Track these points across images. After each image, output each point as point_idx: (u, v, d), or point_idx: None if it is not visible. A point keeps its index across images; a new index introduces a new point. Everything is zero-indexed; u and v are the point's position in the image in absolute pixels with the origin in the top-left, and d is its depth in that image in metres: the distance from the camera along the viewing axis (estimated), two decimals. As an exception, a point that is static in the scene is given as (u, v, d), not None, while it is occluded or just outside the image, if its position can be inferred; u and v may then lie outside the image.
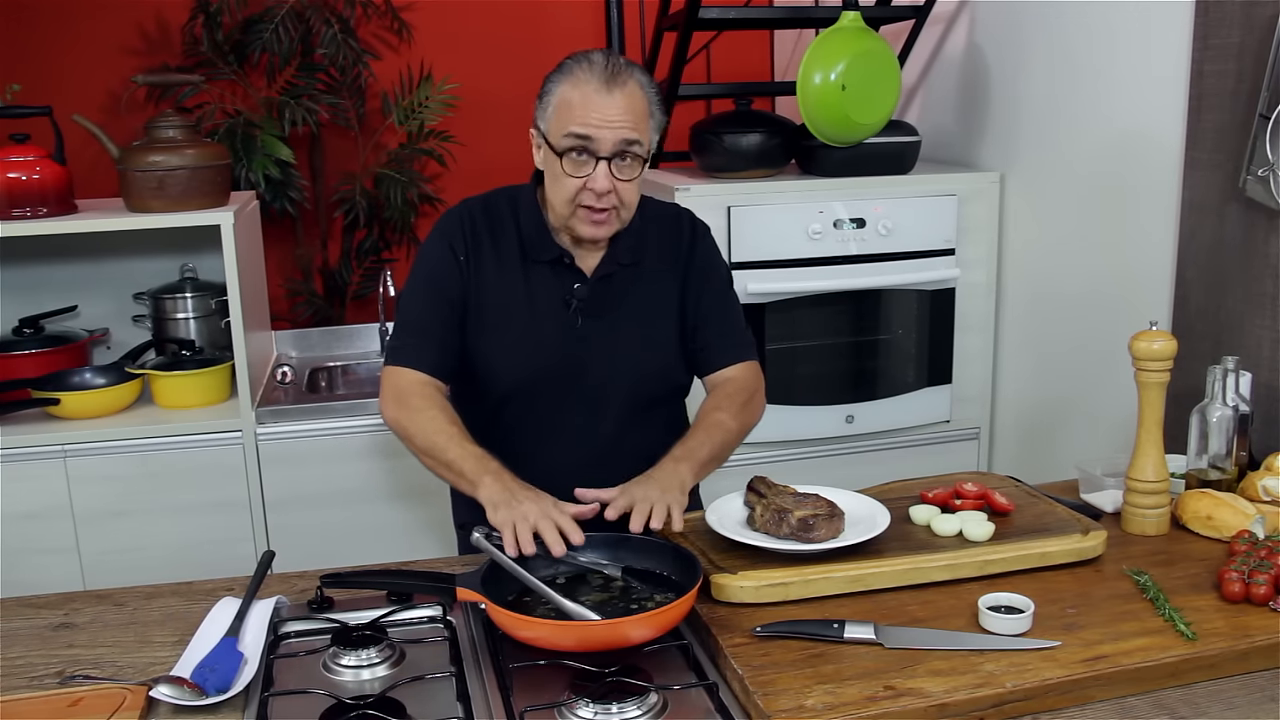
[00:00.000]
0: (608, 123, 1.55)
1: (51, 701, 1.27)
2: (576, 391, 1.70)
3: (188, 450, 2.56)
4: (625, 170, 1.58)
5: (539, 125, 1.63)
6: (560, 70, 1.61)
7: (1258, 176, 1.94)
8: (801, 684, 1.24)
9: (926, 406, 2.89)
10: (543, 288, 1.69)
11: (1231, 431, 1.77)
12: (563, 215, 1.63)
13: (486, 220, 1.71)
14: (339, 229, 3.79)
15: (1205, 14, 2.09)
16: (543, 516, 1.44)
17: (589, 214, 1.60)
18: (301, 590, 1.56)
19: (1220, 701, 1.26)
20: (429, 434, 1.60)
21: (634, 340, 1.72)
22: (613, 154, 1.57)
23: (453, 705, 1.26)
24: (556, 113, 1.58)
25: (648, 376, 1.75)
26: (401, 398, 1.64)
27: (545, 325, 1.69)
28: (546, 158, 1.63)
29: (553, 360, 1.69)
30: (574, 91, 1.57)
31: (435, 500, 2.72)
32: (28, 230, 2.47)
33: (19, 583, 2.40)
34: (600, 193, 1.58)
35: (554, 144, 1.59)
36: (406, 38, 3.84)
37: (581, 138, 1.55)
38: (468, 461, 1.55)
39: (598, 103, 1.55)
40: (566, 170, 1.58)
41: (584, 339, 1.69)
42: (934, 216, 2.78)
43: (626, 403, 1.73)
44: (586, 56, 1.60)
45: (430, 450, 1.60)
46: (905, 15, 2.99)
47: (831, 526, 1.51)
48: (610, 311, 1.71)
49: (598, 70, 1.57)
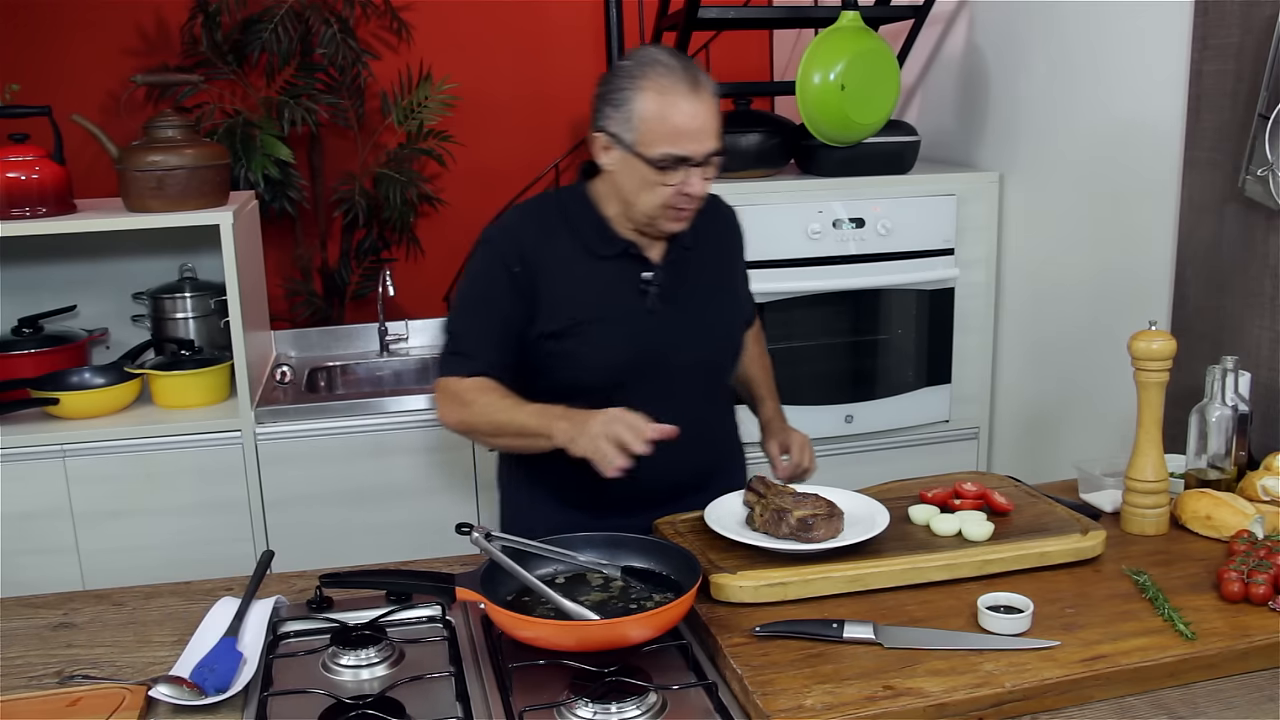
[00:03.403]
0: (701, 135, 1.60)
1: (50, 701, 1.28)
2: (658, 376, 1.75)
3: (187, 450, 2.56)
4: (709, 172, 1.65)
5: (611, 130, 1.64)
6: (634, 76, 1.61)
7: (1257, 176, 1.94)
8: (801, 684, 1.24)
9: (925, 406, 2.89)
10: (613, 281, 1.73)
11: (1230, 431, 1.77)
12: (649, 215, 1.67)
13: (536, 229, 1.73)
14: (338, 229, 3.79)
15: (1204, 14, 2.09)
16: (612, 423, 1.49)
17: (677, 212, 1.67)
18: (301, 590, 1.56)
19: (1219, 701, 1.27)
20: (490, 415, 1.65)
21: (707, 320, 1.79)
22: (704, 161, 1.63)
23: (452, 705, 1.26)
24: (644, 125, 1.59)
25: (722, 354, 1.85)
26: (457, 399, 1.68)
27: (625, 316, 1.73)
28: (629, 163, 1.64)
29: (637, 348, 1.73)
30: (661, 104, 1.58)
31: (435, 500, 2.72)
32: (27, 230, 2.46)
33: (18, 582, 2.41)
34: (696, 198, 1.65)
35: (649, 157, 1.60)
36: (406, 37, 3.84)
37: (682, 159, 1.60)
38: (533, 419, 1.60)
39: (689, 114, 1.59)
40: (663, 180, 1.62)
41: (663, 325, 1.74)
42: (933, 216, 2.78)
43: (702, 381, 1.81)
44: (657, 59, 1.61)
45: (498, 429, 1.65)
46: (904, 15, 2.99)
47: (831, 526, 1.51)
48: (682, 295, 1.76)
49: (678, 78, 1.59)
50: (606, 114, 1.64)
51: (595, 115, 1.67)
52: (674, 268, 1.76)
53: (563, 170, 4.31)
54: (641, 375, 1.72)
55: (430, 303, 4.20)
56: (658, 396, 1.69)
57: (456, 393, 1.69)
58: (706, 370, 1.82)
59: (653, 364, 1.73)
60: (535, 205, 1.80)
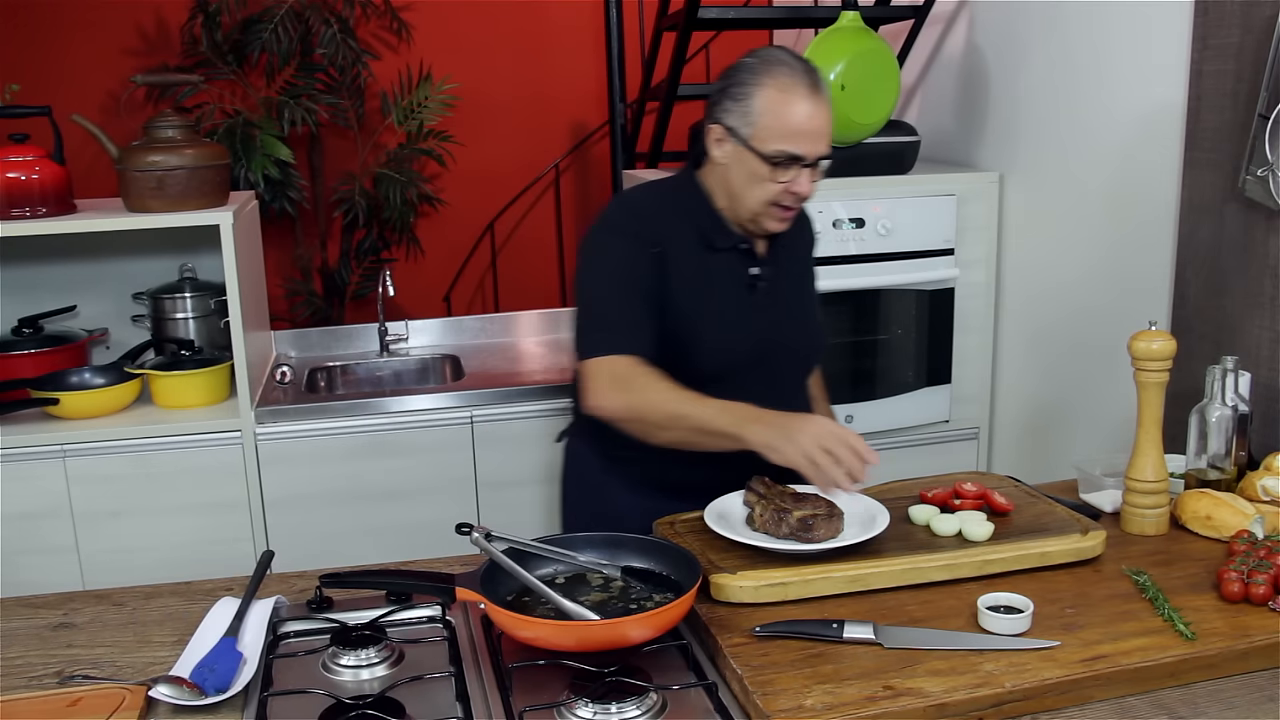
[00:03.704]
0: (816, 137, 1.64)
1: (50, 701, 1.27)
2: (761, 367, 1.77)
3: (187, 450, 2.56)
4: (817, 175, 1.69)
5: (728, 123, 1.66)
6: (758, 72, 1.64)
7: (1257, 176, 1.94)
8: (801, 684, 1.24)
9: (926, 406, 2.89)
10: (724, 273, 1.76)
11: (1230, 431, 1.77)
12: (754, 211, 1.70)
13: (663, 216, 1.75)
14: (338, 229, 3.80)
15: (1204, 14, 2.09)
16: (827, 437, 1.46)
17: (781, 211, 1.70)
18: (301, 590, 1.56)
19: (1219, 701, 1.26)
20: (665, 405, 1.58)
21: (804, 315, 1.87)
22: (814, 163, 1.66)
23: (452, 705, 1.26)
24: (762, 120, 1.63)
25: (815, 348, 1.92)
26: (621, 381, 1.61)
27: (738, 309, 1.75)
28: (742, 157, 1.67)
29: (748, 343, 1.76)
30: (781, 102, 1.62)
31: (435, 500, 2.72)
32: (27, 230, 2.46)
33: (18, 583, 2.41)
34: (801, 198, 1.68)
35: (761, 151, 1.64)
36: (406, 38, 3.84)
37: (795, 157, 1.63)
38: (720, 417, 1.54)
39: (807, 115, 1.62)
40: (775, 177, 1.65)
41: (769, 319, 1.78)
42: (933, 216, 2.78)
43: (798, 374, 1.89)
44: (781, 59, 1.65)
45: (672, 420, 1.58)
46: (904, 15, 2.99)
47: (831, 526, 1.51)
48: (783, 292, 1.81)
49: (800, 79, 1.63)
50: (726, 107, 1.67)
51: (712, 107, 1.70)
52: (775, 265, 1.80)
53: (563, 170, 4.31)
54: (749, 367, 1.75)
55: (430, 303, 4.20)
56: (759, 387, 1.71)
57: (618, 375, 1.61)
58: (800, 362, 1.89)
59: (759, 356, 1.76)
60: (653, 193, 1.80)
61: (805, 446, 1.46)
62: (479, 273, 4.35)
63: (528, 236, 4.36)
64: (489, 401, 2.75)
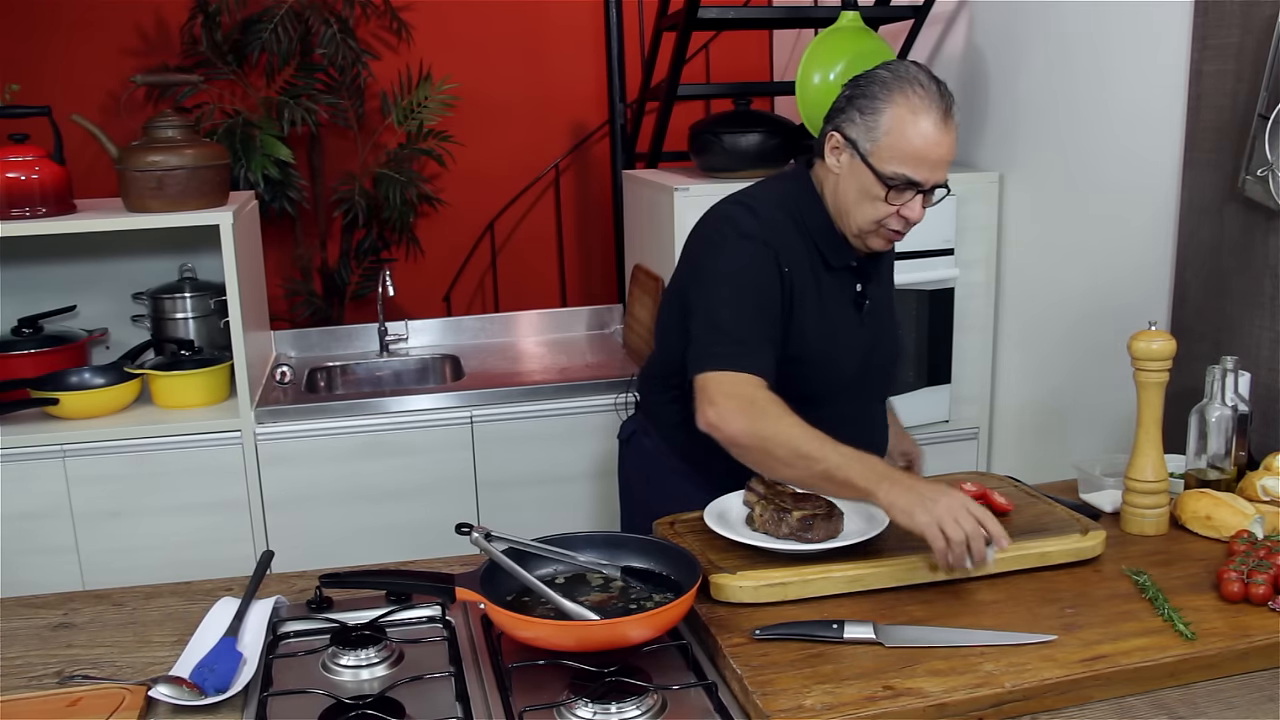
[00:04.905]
0: (937, 165, 1.59)
1: (50, 701, 1.27)
2: (858, 388, 1.77)
3: (187, 450, 2.56)
4: (929, 202, 1.65)
5: (849, 134, 1.61)
6: (890, 88, 1.58)
7: (1256, 176, 1.94)
8: (800, 684, 1.24)
9: (926, 406, 2.89)
10: (836, 293, 1.73)
11: (1230, 431, 1.77)
12: (861, 228, 1.66)
13: (786, 232, 1.68)
14: (338, 229, 3.80)
15: (1204, 14, 2.09)
16: (961, 511, 1.40)
17: (888, 233, 1.66)
18: (300, 590, 1.56)
19: (1219, 701, 1.26)
20: (795, 441, 1.51)
21: (893, 337, 1.86)
22: (929, 190, 1.62)
23: (452, 705, 1.26)
24: (886, 139, 1.58)
25: (899, 360, 1.92)
26: (749, 406, 1.54)
27: (847, 331, 1.73)
28: (857, 172, 1.62)
29: (855, 364, 1.74)
30: (909, 123, 1.56)
31: (435, 500, 2.72)
32: (27, 230, 2.47)
33: (18, 582, 2.41)
34: (911, 223, 1.64)
35: (881, 171, 1.59)
36: (405, 38, 3.84)
37: (913, 182, 1.59)
38: (853, 468, 1.48)
39: (933, 141, 1.57)
40: (888, 199, 1.61)
41: (871, 339, 1.77)
42: (933, 216, 2.74)
43: (885, 393, 1.91)
44: (917, 79, 1.58)
45: (798, 460, 1.51)
46: (904, 15, 2.99)
47: (830, 526, 1.51)
48: (877, 312, 1.79)
49: (933, 104, 1.57)
50: (851, 117, 1.61)
51: (835, 114, 1.64)
52: (875, 281, 1.79)
53: (563, 170, 4.32)
54: (848, 387, 1.74)
55: (430, 303, 4.20)
56: (852, 407, 1.72)
57: (745, 397, 1.54)
58: (890, 381, 1.90)
59: (860, 377, 1.75)
60: (775, 202, 1.71)
61: (940, 517, 1.40)
62: (479, 273, 4.35)
63: (528, 236, 4.36)
64: (489, 401, 2.76)
